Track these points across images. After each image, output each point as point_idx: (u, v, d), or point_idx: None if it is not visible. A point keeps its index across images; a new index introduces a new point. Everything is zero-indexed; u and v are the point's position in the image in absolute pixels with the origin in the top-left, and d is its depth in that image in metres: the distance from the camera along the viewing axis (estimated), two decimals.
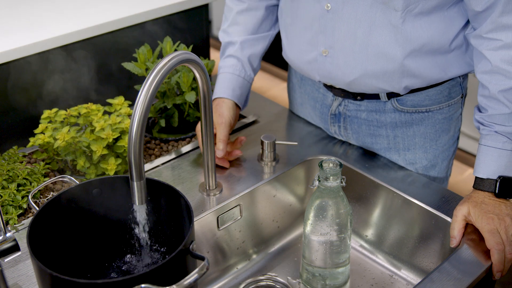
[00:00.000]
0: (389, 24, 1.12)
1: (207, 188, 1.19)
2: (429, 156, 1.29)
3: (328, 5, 1.15)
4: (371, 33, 1.13)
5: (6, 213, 1.10)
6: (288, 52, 1.32)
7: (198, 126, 1.25)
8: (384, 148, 1.30)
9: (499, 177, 1.08)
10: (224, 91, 1.29)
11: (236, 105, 1.30)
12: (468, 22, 1.15)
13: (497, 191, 1.07)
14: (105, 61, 1.49)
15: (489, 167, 1.09)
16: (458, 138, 1.34)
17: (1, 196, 1.10)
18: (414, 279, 1.20)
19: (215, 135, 1.22)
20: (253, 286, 1.19)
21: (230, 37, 1.36)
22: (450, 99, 1.25)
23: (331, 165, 1.04)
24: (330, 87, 1.29)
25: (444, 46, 1.15)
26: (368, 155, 1.32)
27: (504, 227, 1.03)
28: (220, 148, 1.20)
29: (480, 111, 1.14)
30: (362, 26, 1.13)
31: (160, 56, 1.51)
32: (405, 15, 1.10)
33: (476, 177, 1.11)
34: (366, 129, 1.30)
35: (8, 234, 0.99)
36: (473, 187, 1.11)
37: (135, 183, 0.87)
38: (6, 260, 1.02)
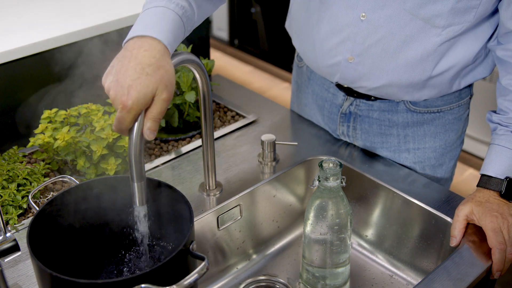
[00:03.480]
0: (425, 40, 1.11)
1: (207, 188, 1.19)
2: (437, 155, 1.30)
3: (364, 14, 1.12)
4: (404, 46, 1.12)
5: (6, 213, 1.10)
6: (307, 52, 1.29)
7: None
8: (394, 147, 1.30)
9: (506, 178, 1.08)
10: (159, 31, 0.86)
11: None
12: (491, 34, 1.16)
13: (503, 191, 1.08)
14: (105, 61, 1.49)
15: (499, 166, 1.10)
16: (463, 139, 1.35)
17: (1, 196, 1.10)
18: (414, 279, 1.20)
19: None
20: (253, 286, 1.19)
21: None
22: (460, 100, 1.26)
23: (331, 165, 1.04)
24: (342, 88, 1.28)
25: (470, 61, 1.16)
26: (369, 155, 1.32)
27: (506, 227, 1.03)
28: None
29: (497, 113, 1.16)
30: (396, 39, 1.12)
31: None
32: (446, 33, 1.09)
33: (482, 176, 1.11)
34: (377, 129, 1.29)
35: (8, 234, 0.99)
36: (478, 185, 1.11)
37: (135, 184, 0.86)
38: (6, 260, 1.02)
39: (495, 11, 1.11)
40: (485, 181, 1.10)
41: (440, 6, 1.05)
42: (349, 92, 1.27)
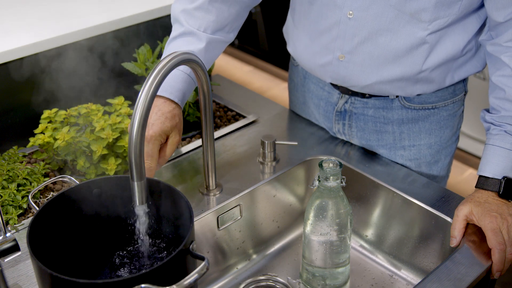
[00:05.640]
0: (413, 35, 1.12)
1: (207, 188, 1.19)
2: (433, 151, 1.30)
3: (351, 12, 1.14)
4: (393, 42, 1.13)
5: (6, 213, 1.10)
6: (300, 53, 1.30)
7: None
8: (390, 144, 1.30)
9: (504, 177, 1.08)
10: (176, 94, 1.09)
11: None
12: (481, 27, 1.16)
13: (501, 191, 1.08)
14: (105, 61, 1.49)
15: (495, 166, 1.10)
16: (458, 136, 1.35)
17: (1, 196, 1.10)
18: (414, 279, 1.20)
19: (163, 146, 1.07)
20: (253, 286, 1.19)
21: (197, 24, 1.16)
22: (455, 96, 1.27)
23: (331, 165, 1.04)
24: (337, 86, 1.29)
25: (458, 53, 1.17)
26: (369, 155, 1.32)
27: (506, 227, 1.03)
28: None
29: (490, 112, 1.16)
30: (385, 34, 1.13)
31: (160, 56, 1.51)
32: (432, 26, 1.10)
33: (480, 176, 1.12)
34: (372, 126, 1.30)
35: (8, 234, 0.99)
36: (476, 186, 1.11)
37: (135, 183, 0.87)
38: (6, 260, 1.02)
39: (482, 3, 1.11)
40: (482, 182, 1.11)
41: (425, 0, 1.07)
42: (344, 90, 1.28)
